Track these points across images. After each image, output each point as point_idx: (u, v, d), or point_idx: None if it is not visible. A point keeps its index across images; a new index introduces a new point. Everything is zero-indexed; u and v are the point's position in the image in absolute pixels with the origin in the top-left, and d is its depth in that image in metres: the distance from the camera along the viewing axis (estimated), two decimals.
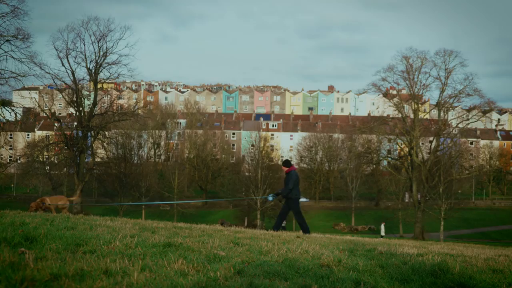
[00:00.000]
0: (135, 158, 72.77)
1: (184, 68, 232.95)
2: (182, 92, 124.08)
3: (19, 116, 46.48)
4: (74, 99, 46.79)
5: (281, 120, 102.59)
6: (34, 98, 53.03)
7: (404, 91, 58.18)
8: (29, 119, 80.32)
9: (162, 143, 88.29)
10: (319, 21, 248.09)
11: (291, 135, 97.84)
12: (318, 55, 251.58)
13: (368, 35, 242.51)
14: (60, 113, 68.03)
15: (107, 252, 5.25)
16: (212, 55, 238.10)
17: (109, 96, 54.88)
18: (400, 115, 53.15)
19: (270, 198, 12.90)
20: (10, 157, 76.02)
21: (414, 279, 5.06)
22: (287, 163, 12.80)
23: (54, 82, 46.80)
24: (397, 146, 60.61)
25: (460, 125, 54.82)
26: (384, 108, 55.44)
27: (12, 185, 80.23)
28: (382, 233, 44.35)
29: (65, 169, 59.32)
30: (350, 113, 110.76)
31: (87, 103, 50.12)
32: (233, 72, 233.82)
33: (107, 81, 49.93)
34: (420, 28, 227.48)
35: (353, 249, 7.37)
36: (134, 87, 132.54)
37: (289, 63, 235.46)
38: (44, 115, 55.97)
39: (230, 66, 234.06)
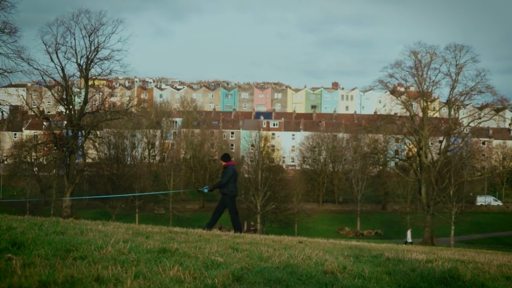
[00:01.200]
0: (128, 159, 72.73)
1: (180, 64, 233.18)
2: (178, 89, 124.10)
3: (5, 115, 46.54)
4: (64, 96, 46.74)
5: (283, 118, 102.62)
6: (22, 95, 52.82)
7: (412, 88, 58.16)
8: (16, 118, 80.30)
9: (157, 143, 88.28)
10: (322, 15, 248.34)
11: (293, 135, 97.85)
12: (321, 50, 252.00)
13: (374, 29, 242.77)
14: (49, 112, 67.99)
15: (98, 258, 5.24)
16: (209, 50, 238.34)
17: (100, 93, 54.78)
18: (408, 114, 53.15)
19: (206, 190, 13.06)
20: None
21: (423, 287, 5.06)
22: (226, 157, 13.06)
23: (42, 78, 46.75)
24: (405, 146, 60.62)
25: (472, 124, 54.79)
26: (392, 106, 55.43)
27: None
28: (409, 239, 43.69)
29: (54, 170, 59.26)
30: (355, 112, 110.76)
31: (78, 100, 50.07)
32: (232, 68, 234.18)
33: (98, 77, 49.89)
34: (429, 22, 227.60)
35: (358, 255, 7.37)
36: (127, 84, 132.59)
37: (291, 58, 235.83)
38: (32, 113, 55.93)
39: (229, 62, 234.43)
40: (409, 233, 45.50)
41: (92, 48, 46.32)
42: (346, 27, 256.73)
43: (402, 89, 56.22)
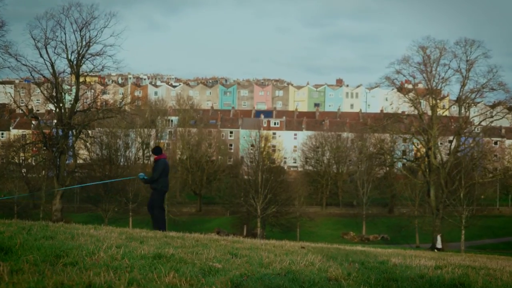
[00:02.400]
0: (122, 160, 72.73)
1: (175, 60, 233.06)
2: (174, 86, 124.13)
3: None
4: (54, 94, 46.79)
5: (284, 117, 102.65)
6: (9, 93, 53.04)
7: (420, 85, 58.18)
8: (3, 116, 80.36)
9: (152, 143, 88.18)
10: (324, 8, 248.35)
11: (295, 134, 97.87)
12: (324, 46, 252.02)
13: (379, 23, 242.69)
14: (38, 110, 68.00)
15: (90, 264, 5.25)
16: (207, 46, 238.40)
17: (92, 90, 54.91)
18: (416, 112, 53.16)
19: (141, 176, 13.15)
20: None
21: None
22: (157, 150, 13.23)
23: (31, 75, 46.84)
24: (413, 146, 60.62)
25: (483, 123, 54.82)
26: (399, 104, 55.43)
27: None
28: (439, 245, 43.08)
29: (43, 172, 59.27)
30: (360, 110, 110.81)
31: (68, 98, 50.10)
32: (230, 65, 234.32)
33: (90, 74, 49.95)
34: (437, 16, 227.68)
35: (364, 261, 7.38)
36: (120, 81, 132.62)
37: (292, 54, 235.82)
38: (20, 112, 56.01)
39: (227, 58, 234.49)
40: (438, 238, 44.55)
41: (83, 43, 46.41)
42: (350, 20, 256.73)
43: (410, 86, 56.27)
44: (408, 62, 51.41)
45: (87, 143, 54.09)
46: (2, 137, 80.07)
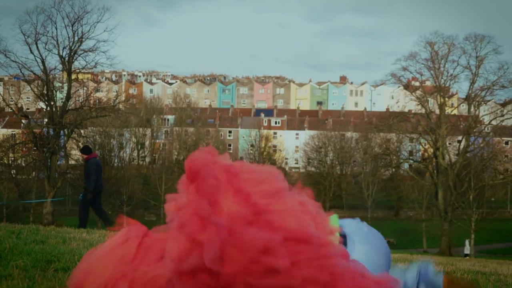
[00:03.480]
0: (116, 161, 72.78)
1: (172, 56, 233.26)
2: (170, 84, 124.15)
3: None
4: (45, 91, 46.76)
5: (285, 116, 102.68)
6: None
7: (428, 83, 58.16)
8: None
9: (147, 143, 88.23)
10: (327, 2, 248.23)
11: (297, 134, 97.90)
12: (327, 41, 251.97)
13: (385, 17, 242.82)
14: (28, 108, 68.06)
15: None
16: (204, 41, 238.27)
17: (85, 88, 54.87)
18: (423, 111, 53.17)
19: (81, 197, 13.20)
20: None
21: None
22: (86, 149, 13.28)
23: (21, 72, 46.75)
24: (420, 146, 60.65)
25: (494, 122, 54.83)
26: (405, 102, 55.47)
27: None
28: (467, 251, 42.36)
29: (34, 173, 59.30)
30: (365, 108, 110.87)
31: (60, 96, 50.09)
32: (229, 61, 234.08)
33: (82, 70, 49.93)
34: (445, 10, 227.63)
35: None
36: (114, 78, 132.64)
37: (294, 50, 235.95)
38: (10, 110, 55.97)
39: (226, 54, 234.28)
40: (467, 243, 43.53)
41: (76, 38, 46.36)
42: (354, 15, 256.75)
43: (417, 84, 56.23)
44: (415, 59, 51.43)
45: (80, 143, 54.06)
46: None
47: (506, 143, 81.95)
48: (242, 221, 2.46)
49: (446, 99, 53.74)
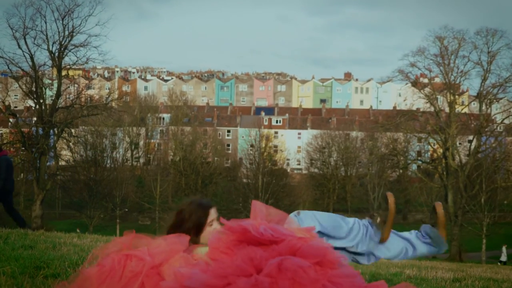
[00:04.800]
0: (108, 161, 72.79)
1: (167, 52, 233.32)
2: (166, 81, 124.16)
3: None
4: (33, 89, 46.78)
5: (287, 114, 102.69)
6: None
7: (437, 79, 58.15)
8: None
9: (141, 143, 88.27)
10: None
11: (299, 133, 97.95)
12: (331, 36, 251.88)
13: (391, 11, 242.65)
14: (16, 106, 68.04)
15: (73, 276, 5.24)
16: (201, 36, 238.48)
17: (76, 85, 54.85)
18: (432, 109, 53.16)
19: None
20: None
21: None
22: None
23: (8, 68, 46.77)
24: (429, 146, 60.65)
25: (506, 121, 54.82)
26: (413, 100, 55.44)
27: None
28: (504, 258, 42.06)
29: (22, 174, 59.28)
30: (371, 106, 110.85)
31: (49, 93, 50.08)
32: (228, 57, 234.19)
33: (73, 66, 49.90)
34: (455, 2, 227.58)
35: (374, 273, 7.38)
36: (106, 75, 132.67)
37: (296, 45, 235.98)
38: None
39: (224, 50, 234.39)
40: (504, 249, 43.28)
41: (66, 32, 46.37)
42: (358, 8, 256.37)
43: (426, 81, 56.23)
44: (423, 54, 51.38)
45: (70, 143, 54.11)
46: None
47: None
48: None
49: (456, 96, 53.73)
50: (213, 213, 4.42)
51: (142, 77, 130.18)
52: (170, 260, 3.81)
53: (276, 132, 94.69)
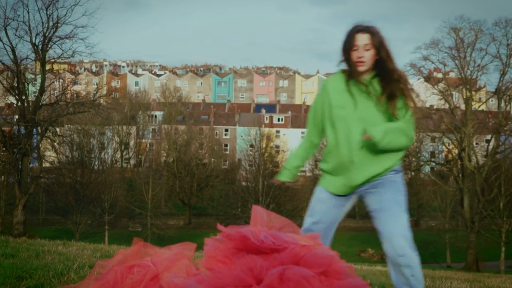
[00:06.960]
0: (96, 163, 72.82)
1: (160, 44, 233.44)
2: (158, 76, 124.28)
3: None
4: (15, 84, 46.80)
5: (290, 112, 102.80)
6: None
7: (452, 74, 58.16)
8: None
9: (132, 142, 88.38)
10: None
11: (302, 132, 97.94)
12: (334, 27, 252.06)
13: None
14: None
15: (58, 287, 5.25)
16: (197, 28, 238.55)
17: (61, 80, 54.83)
18: (447, 106, 53.22)
19: None
20: None
21: None
22: None
23: None
24: (444, 147, 60.72)
25: None
26: (426, 96, 55.46)
27: None
28: None
29: (2, 177, 59.30)
30: None
31: (32, 89, 50.12)
32: (225, 50, 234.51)
33: (58, 60, 49.93)
34: None
35: (385, 284, 7.38)
36: (94, 69, 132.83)
37: (298, 37, 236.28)
38: None
39: (221, 42, 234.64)
40: None
41: (50, 23, 46.33)
42: None
43: (440, 75, 56.24)
44: (437, 47, 51.38)
45: (55, 143, 54.09)
46: None
47: None
48: None
49: (473, 92, 53.74)
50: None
51: (133, 72, 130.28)
52: (171, 268, 3.86)
53: (277, 131, 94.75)
